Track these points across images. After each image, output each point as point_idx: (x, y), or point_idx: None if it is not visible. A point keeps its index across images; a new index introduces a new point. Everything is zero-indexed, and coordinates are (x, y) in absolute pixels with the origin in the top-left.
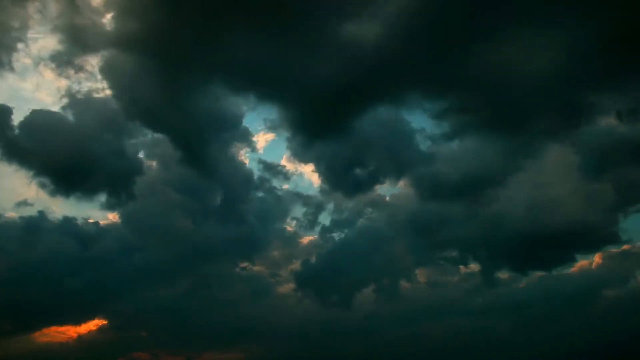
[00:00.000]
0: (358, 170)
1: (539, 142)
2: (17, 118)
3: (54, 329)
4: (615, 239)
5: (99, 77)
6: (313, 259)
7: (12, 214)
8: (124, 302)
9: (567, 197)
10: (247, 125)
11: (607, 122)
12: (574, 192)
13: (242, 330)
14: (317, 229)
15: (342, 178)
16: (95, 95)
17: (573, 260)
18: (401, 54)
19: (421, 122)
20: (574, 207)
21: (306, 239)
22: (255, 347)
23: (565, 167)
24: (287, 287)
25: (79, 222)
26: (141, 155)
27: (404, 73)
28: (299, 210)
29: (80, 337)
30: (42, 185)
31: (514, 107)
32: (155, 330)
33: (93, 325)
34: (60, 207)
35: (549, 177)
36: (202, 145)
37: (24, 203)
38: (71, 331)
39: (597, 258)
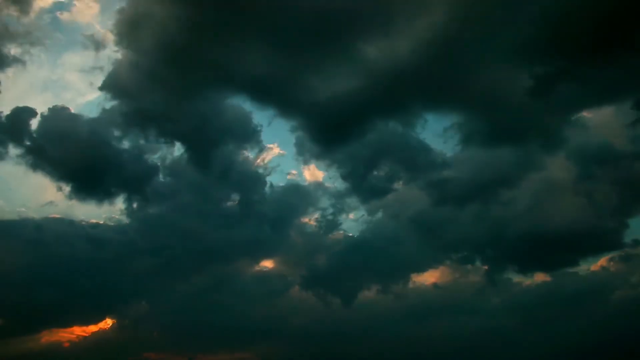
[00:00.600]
0: (373, 176)
1: (540, 153)
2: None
3: (63, 329)
4: (622, 242)
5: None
6: (326, 260)
7: (25, 214)
8: (133, 303)
9: (573, 201)
10: (264, 132)
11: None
12: (578, 196)
13: (253, 331)
14: (330, 231)
15: (358, 184)
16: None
17: (580, 262)
18: (415, 71)
19: (431, 133)
20: (579, 211)
21: (318, 241)
22: (266, 348)
23: (568, 174)
24: (298, 288)
25: (91, 224)
26: (155, 159)
27: (417, 89)
28: (312, 214)
29: (89, 337)
30: (59, 188)
31: (516, 120)
32: (165, 330)
33: (103, 325)
34: (75, 209)
35: (553, 183)
36: (217, 150)
37: (39, 205)
38: (81, 331)
39: (604, 260)
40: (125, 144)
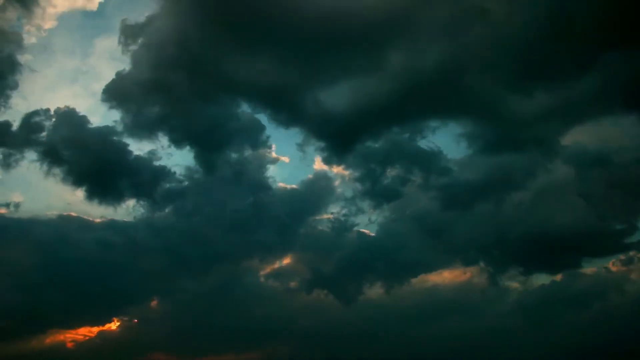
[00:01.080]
0: (384, 180)
1: (544, 158)
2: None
3: (70, 329)
4: (629, 244)
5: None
6: (335, 262)
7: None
8: (140, 304)
9: (578, 203)
10: (274, 139)
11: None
12: (584, 199)
13: (261, 332)
14: (341, 233)
15: (368, 188)
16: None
17: (585, 264)
18: (428, 84)
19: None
20: (585, 213)
21: (327, 243)
22: (273, 349)
23: (572, 177)
24: (306, 288)
25: (102, 224)
26: (165, 163)
27: (427, 100)
28: (322, 216)
29: (96, 337)
30: (72, 191)
31: (520, 127)
32: (172, 331)
33: (110, 325)
34: (85, 212)
35: (558, 186)
36: (227, 155)
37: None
38: (86, 331)
39: (610, 262)
40: (137, 149)
